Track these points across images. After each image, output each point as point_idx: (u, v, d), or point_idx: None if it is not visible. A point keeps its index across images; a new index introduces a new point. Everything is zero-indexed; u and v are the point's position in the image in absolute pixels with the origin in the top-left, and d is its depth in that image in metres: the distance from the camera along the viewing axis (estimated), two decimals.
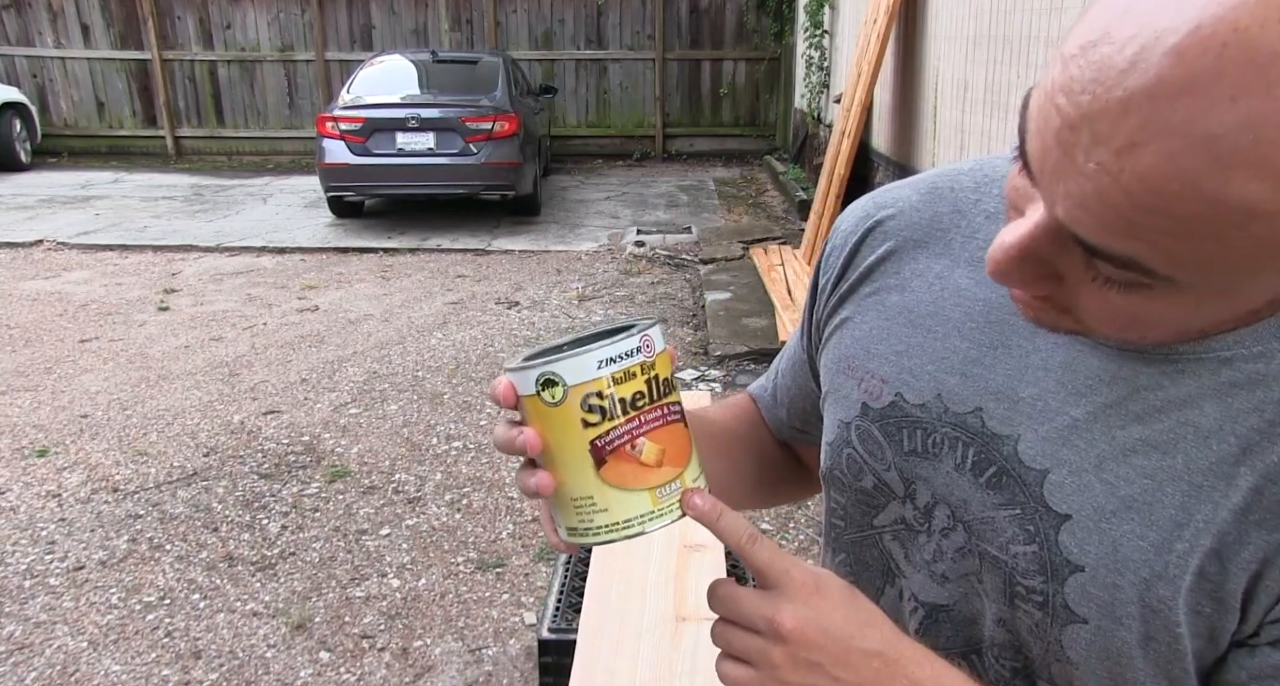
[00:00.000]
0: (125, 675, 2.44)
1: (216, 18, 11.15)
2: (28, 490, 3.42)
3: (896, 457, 0.65)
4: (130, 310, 5.61)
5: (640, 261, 6.69)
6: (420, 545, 3.06)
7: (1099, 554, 0.54)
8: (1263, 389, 0.52)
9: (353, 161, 7.32)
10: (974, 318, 0.63)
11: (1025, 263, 0.47)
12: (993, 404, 0.60)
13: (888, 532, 0.67)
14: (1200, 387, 0.53)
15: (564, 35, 11.29)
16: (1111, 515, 0.54)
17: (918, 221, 0.69)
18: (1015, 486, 0.58)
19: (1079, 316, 0.49)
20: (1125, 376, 0.55)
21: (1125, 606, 0.53)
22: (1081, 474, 0.56)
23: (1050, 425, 0.57)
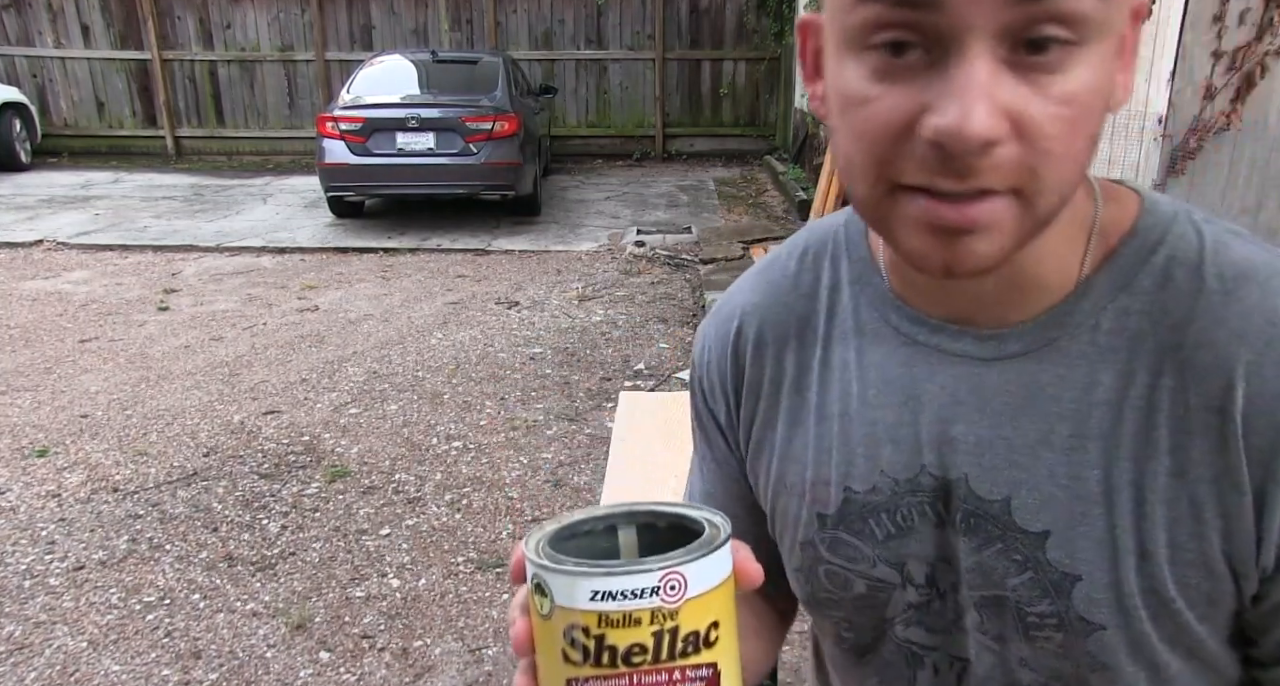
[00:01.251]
0: (125, 675, 2.44)
1: (216, 18, 11.15)
2: (28, 490, 3.42)
3: (877, 550, 0.63)
4: (130, 310, 5.61)
5: (640, 261, 6.69)
6: (420, 545, 3.06)
7: (1087, 558, 0.55)
8: (1139, 344, 0.53)
9: (353, 161, 7.32)
10: (874, 385, 0.62)
11: (995, 100, 0.44)
12: (932, 456, 0.59)
13: (899, 622, 0.65)
14: (1090, 364, 0.54)
15: (564, 35, 11.28)
16: (1082, 516, 0.54)
17: (775, 320, 0.67)
18: (986, 523, 0.58)
19: (1030, 137, 0.45)
20: (1026, 381, 0.56)
21: (1129, 598, 0.54)
22: (1039, 488, 0.56)
23: (991, 454, 0.57)
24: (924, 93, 0.45)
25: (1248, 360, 0.50)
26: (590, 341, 4.99)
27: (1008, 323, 0.57)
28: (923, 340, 0.60)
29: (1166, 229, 0.55)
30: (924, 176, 0.46)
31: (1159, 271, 0.54)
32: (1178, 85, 2.78)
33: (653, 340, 4.99)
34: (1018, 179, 0.45)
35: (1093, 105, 0.46)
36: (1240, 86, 2.73)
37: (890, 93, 0.46)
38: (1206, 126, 2.77)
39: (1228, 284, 0.52)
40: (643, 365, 4.62)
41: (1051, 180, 0.46)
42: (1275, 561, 0.51)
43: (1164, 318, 0.53)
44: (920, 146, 0.45)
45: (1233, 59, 2.71)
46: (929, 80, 0.45)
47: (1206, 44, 2.71)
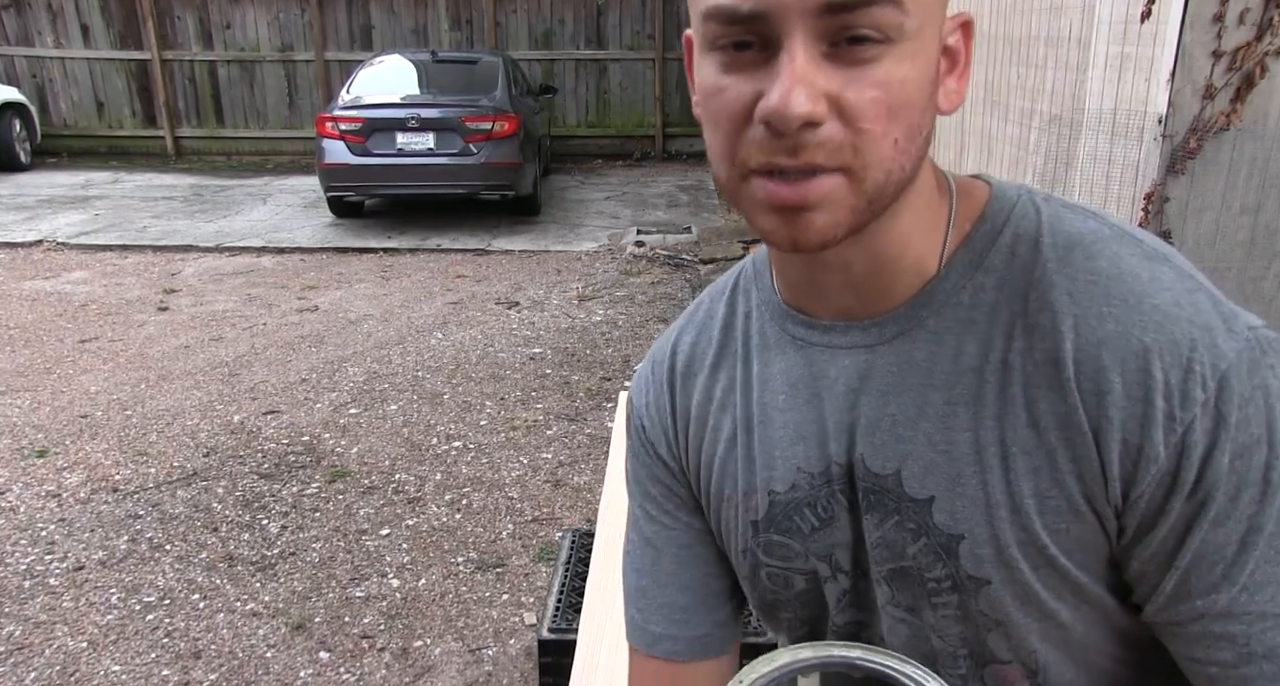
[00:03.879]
0: (125, 675, 2.44)
1: (216, 18, 11.14)
2: (28, 490, 3.42)
3: (807, 545, 0.67)
4: (130, 310, 5.61)
5: (640, 261, 6.69)
6: (420, 545, 3.06)
7: (967, 516, 0.58)
8: (994, 313, 0.59)
9: (352, 161, 7.31)
10: (783, 391, 0.66)
11: (814, 85, 0.50)
12: (835, 445, 0.64)
13: (836, 611, 0.69)
14: (955, 337, 0.59)
15: (564, 35, 11.28)
16: (958, 478, 0.59)
17: (699, 352, 0.73)
18: (884, 497, 0.62)
19: (849, 117, 0.51)
20: (903, 359, 0.61)
21: (1008, 550, 0.58)
22: (922, 457, 0.60)
23: (879, 431, 0.62)
24: (760, 82, 0.51)
25: (1075, 314, 0.56)
26: (590, 341, 4.99)
27: (881, 311, 0.62)
28: (816, 341, 0.65)
29: (1010, 210, 0.61)
30: (764, 156, 0.52)
31: (1006, 248, 0.60)
32: (1178, 85, 2.78)
33: (653, 340, 4.99)
34: (843, 157, 0.51)
35: (910, 97, 0.52)
36: (1240, 86, 2.73)
37: (736, 83, 0.53)
38: (1206, 126, 2.77)
39: (1060, 251, 0.58)
40: None
41: (874, 158, 0.52)
42: (1122, 496, 0.55)
43: (1013, 288, 0.58)
44: (758, 129, 0.52)
45: (1233, 59, 2.71)
46: (764, 72, 0.51)
47: (1206, 44, 2.71)
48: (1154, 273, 0.56)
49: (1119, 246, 0.58)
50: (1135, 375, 0.54)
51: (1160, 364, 0.53)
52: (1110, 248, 0.57)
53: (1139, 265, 0.56)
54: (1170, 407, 0.53)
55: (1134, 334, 0.54)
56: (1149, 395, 0.53)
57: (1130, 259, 0.57)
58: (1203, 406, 0.53)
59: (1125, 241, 0.58)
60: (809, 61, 0.50)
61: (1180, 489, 0.54)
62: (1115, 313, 0.55)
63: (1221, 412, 0.52)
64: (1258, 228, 2.85)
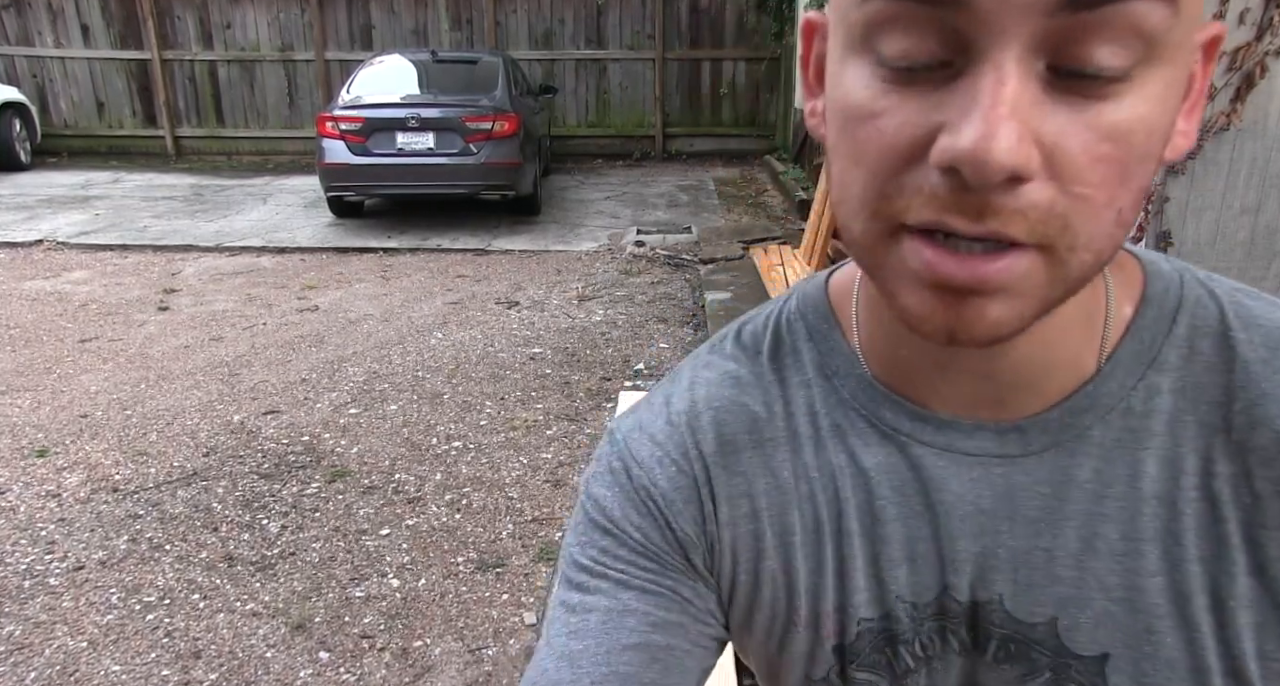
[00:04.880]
0: (125, 675, 2.44)
1: (216, 18, 11.15)
2: (28, 490, 3.42)
3: (893, 684, 0.54)
4: (130, 310, 5.61)
5: (640, 261, 6.69)
6: (420, 545, 3.06)
7: (1160, 680, 0.47)
8: (1178, 425, 0.47)
9: (353, 161, 7.32)
10: (880, 496, 0.52)
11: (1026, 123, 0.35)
12: (954, 576, 0.51)
13: None
14: (1129, 453, 0.47)
15: (564, 35, 11.28)
16: (1148, 633, 0.47)
17: (744, 420, 0.55)
18: (1030, 650, 0.49)
19: (1066, 178, 0.37)
20: (1059, 479, 0.48)
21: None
22: (1093, 606, 0.48)
23: (1027, 568, 0.49)
24: (941, 109, 0.37)
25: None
26: (590, 341, 4.99)
27: (1024, 413, 0.49)
28: (928, 439, 0.51)
29: (1179, 294, 0.49)
30: (932, 212, 0.38)
31: (1183, 342, 0.48)
32: None
33: (653, 340, 4.99)
34: (1047, 230, 0.37)
35: (1148, 149, 0.38)
36: (1240, 86, 2.73)
37: (900, 107, 0.38)
38: (1206, 126, 2.78)
39: (1263, 352, 0.46)
40: (643, 365, 4.62)
41: (1087, 236, 0.38)
42: None
43: (1199, 395, 0.47)
44: (931, 175, 0.37)
45: (1233, 59, 2.71)
46: (948, 94, 0.37)
47: None
48: None
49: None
50: None
51: None
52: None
53: None
54: None
55: None
56: None
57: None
58: None
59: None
60: (1024, 86, 0.35)
61: None
62: None
63: None
64: (1258, 228, 2.85)
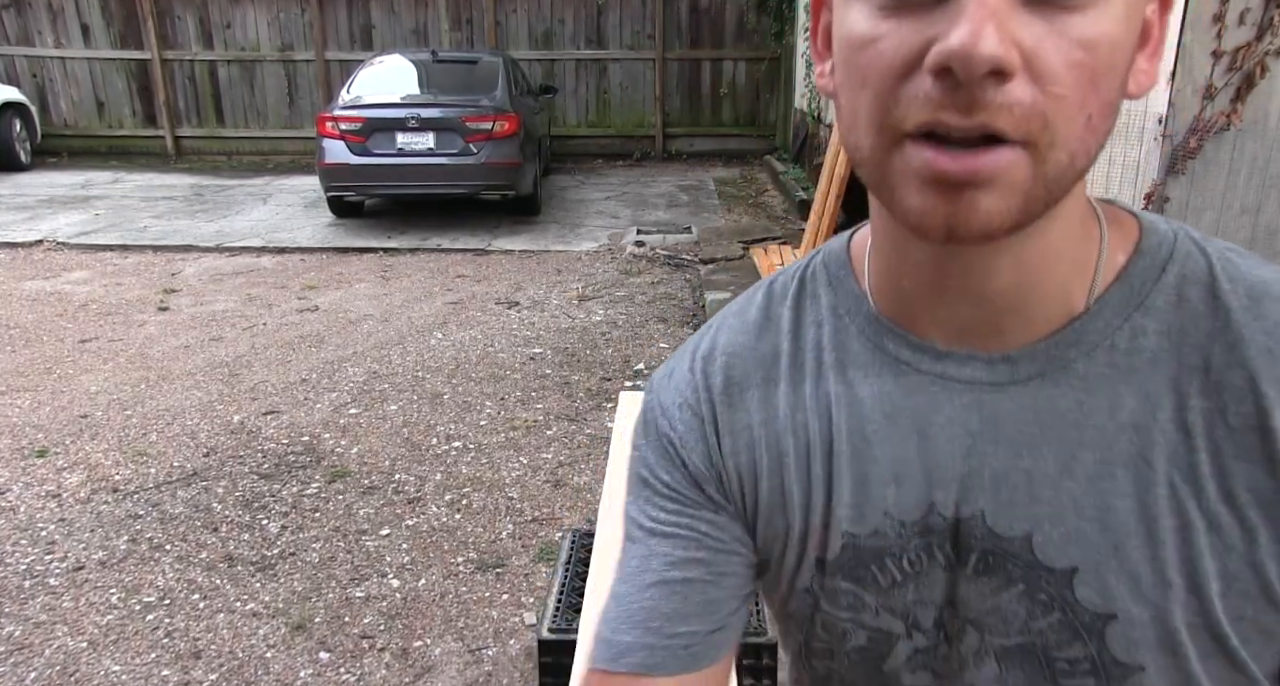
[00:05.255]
0: (125, 675, 2.44)
1: (216, 17, 11.15)
2: (28, 490, 3.42)
3: (880, 599, 0.59)
4: (130, 310, 5.61)
5: (640, 261, 6.69)
6: (420, 545, 3.06)
7: (1122, 593, 0.51)
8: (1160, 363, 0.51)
9: (353, 161, 7.32)
10: (873, 420, 0.57)
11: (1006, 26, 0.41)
12: (941, 494, 0.55)
13: (906, 670, 0.60)
14: (1110, 386, 0.52)
15: (564, 35, 11.28)
16: (1114, 551, 0.51)
17: (752, 360, 0.62)
18: (1006, 563, 0.54)
19: (1044, 79, 0.42)
20: (1043, 406, 0.53)
21: (1176, 636, 0.51)
22: (1066, 523, 0.52)
23: (1008, 487, 0.53)
24: (932, 26, 0.42)
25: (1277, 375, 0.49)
26: (590, 341, 4.99)
27: (1014, 344, 0.53)
28: (925, 368, 0.56)
29: (1172, 247, 0.53)
30: (928, 113, 0.43)
31: (1172, 290, 0.52)
32: (1178, 85, 2.78)
33: (653, 340, 4.99)
34: (1029, 126, 0.42)
35: (1113, 62, 0.44)
36: (1240, 86, 2.73)
37: (897, 29, 0.44)
38: (1206, 126, 2.77)
39: (1246, 301, 0.50)
40: (643, 365, 4.62)
41: (1064, 133, 0.43)
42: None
43: (1183, 338, 0.51)
44: (925, 82, 0.43)
45: (1233, 59, 2.71)
46: (937, 14, 0.42)
47: (1206, 44, 2.71)
48: None
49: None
50: None
51: None
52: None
53: None
54: None
55: None
56: None
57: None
58: None
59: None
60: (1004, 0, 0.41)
61: None
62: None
63: None
64: (1258, 228, 2.85)
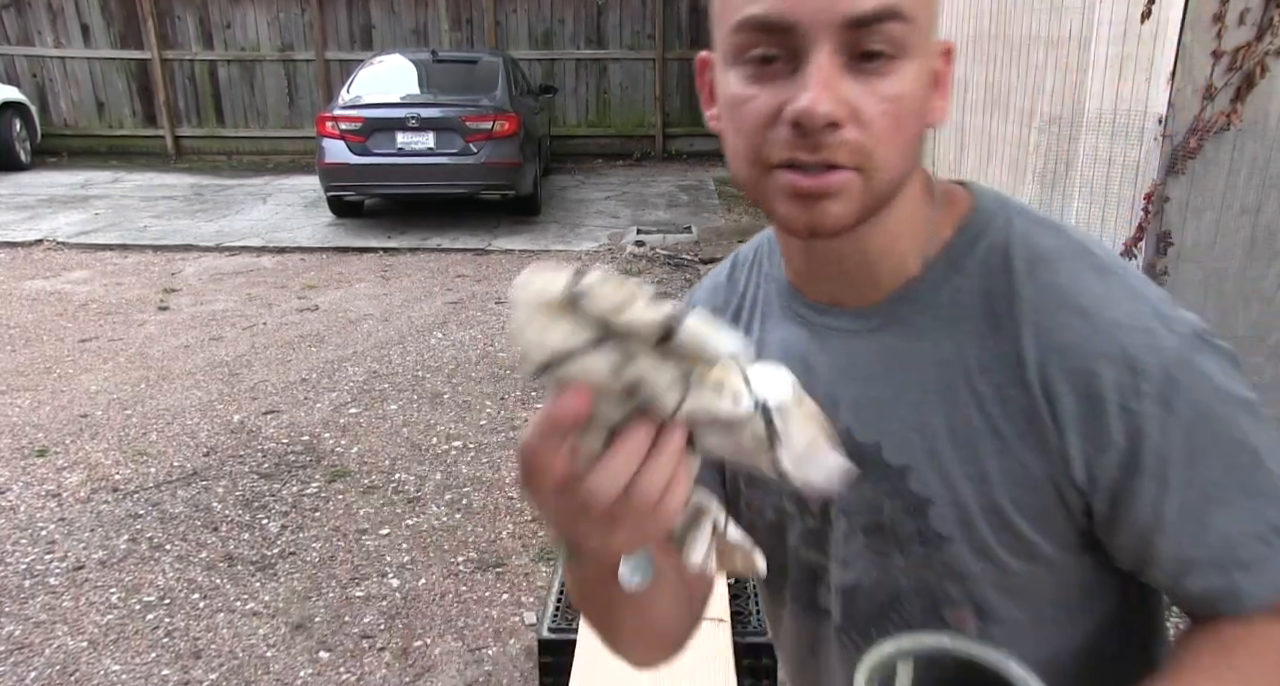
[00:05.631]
0: (125, 675, 2.44)
1: (216, 17, 11.15)
2: (28, 490, 3.42)
3: (780, 486, 0.72)
4: (130, 310, 5.61)
5: (640, 261, 6.69)
6: (420, 545, 3.06)
7: (936, 484, 0.68)
8: (966, 315, 0.68)
9: (353, 161, 7.32)
10: (780, 357, 0.75)
11: (836, 90, 0.58)
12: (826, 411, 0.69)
13: (801, 546, 0.79)
14: (932, 334, 0.69)
15: (564, 35, 11.28)
16: (930, 453, 0.68)
17: (718, 307, 0.84)
18: (866, 464, 0.70)
19: (865, 124, 0.59)
20: (885, 349, 0.71)
21: (969, 513, 0.68)
22: (900, 434, 0.70)
23: (864, 409, 0.72)
24: (786, 91, 0.59)
25: (1036, 323, 0.65)
26: None
27: (868, 302, 0.72)
28: (813, 320, 0.75)
29: (988, 223, 0.70)
30: (787, 152, 0.60)
31: (981, 257, 0.68)
32: (1178, 85, 2.77)
33: None
34: (858, 157, 0.59)
35: (912, 109, 0.61)
36: (1240, 86, 2.73)
37: (762, 93, 0.60)
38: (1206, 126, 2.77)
39: (1027, 265, 0.67)
40: None
41: (883, 160, 0.60)
42: (1088, 479, 0.64)
43: (986, 295, 0.67)
44: (783, 130, 0.59)
45: (1233, 59, 2.71)
46: (789, 82, 0.59)
47: (1206, 44, 2.71)
48: (1106, 287, 0.65)
49: (1076, 263, 0.67)
50: (1088, 377, 0.63)
51: (1111, 366, 0.63)
52: (1069, 264, 0.66)
53: (1093, 280, 0.66)
54: (1124, 400, 0.62)
55: (1088, 343, 0.63)
56: (1102, 392, 0.63)
57: (1087, 275, 0.66)
58: (1151, 399, 0.62)
59: (1083, 257, 0.67)
60: (833, 70, 0.58)
61: (1143, 469, 0.63)
62: (1072, 324, 0.64)
63: (1168, 400, 0.62)
64: (1258, 227, 2.85)
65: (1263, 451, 0.64)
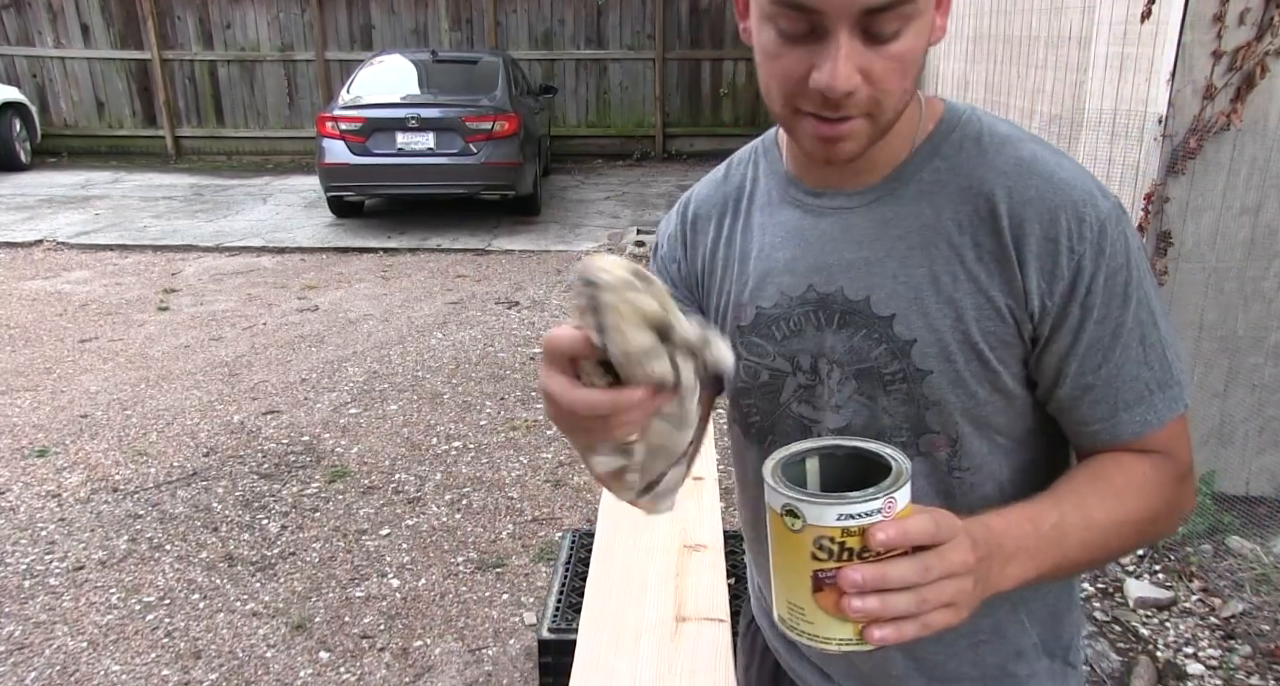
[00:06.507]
0: (125, 675, 2.44)
1: (216, 17, 11.14)
2: (28, 490, 3.42)
3: (776, 347, 0.91)
4: (130, 310, 5.61)
5: (640, 261, 6.68)
6: (420, 545, 3.06)
7: (919, 326, 0.82)
8: (945, 186, 0.83)
9: (353, 161, 7.31)
10: (779, 236, 0.90)
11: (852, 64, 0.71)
12: (817, 277, 0.87)
13: (793, 401, 0.91)
14: (916, 203, 0.83)
15: (564, 35, 11.28)
16: (914, 300, 0.82)
17: (712, 202, 0.98)
18: (855, 317, 0.85)
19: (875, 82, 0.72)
20: (877, 218, 0.85)
21: (947, 348, 0.82)
22: (888, 287, 0.83)
23: (855, 270, 0.85)
24: (812, 56, 0.72)
25: (1008, 186, 0.80)
26: None
27: (864, 185, 0.86)
28: (809, 204, 0.89)
29: (960, 117, 0.86)
30: (813, 106, 0.75)
31: (956, 143, 0.84)
32: (1178, 85, 2.77)
33: None
34: (869, 107, 0.74)
35: (916, 56, 0.75)
36: (1240, 86, 2.73)
37: (792, 53, 0.73)
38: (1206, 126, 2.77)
39: (995, 146, 0.83)
40: None
41: (889, 105, 0.76)
42: (1040, 308, 0.79)
43: (960, 170, 0.83)
44: (811, 91, 0.73)
45: (1233, 59, 2.71)
46: (815, 48, 0.72)
47: (1206, 44, 2.71)
48: (1058, 160, 0.82)
49: (1034, 144, 0.83)
50: (1048, 223, 0.78)
51: (1065, 215, 0.78)
52: (1028, 145, 0.83)
53: (1048, 154, 0.82)
54: (1070, 243, 0.78)
55: (1047, 197, 0.79)
56: (1057, 236, 0.78)
57: (1042, 152, 0.83)
58: (1090, 243, 0.78)
59: (1038, 142, 0.84)
60: (850, 48, 0.70)
61: (1076, 297, 0.78)
62: (1035, 184, 0.80)
63: (1100, 246, 0.78)
64: (1258, 227, 2.85)
65: (1158, 314, 0.81)
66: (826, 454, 0.69)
